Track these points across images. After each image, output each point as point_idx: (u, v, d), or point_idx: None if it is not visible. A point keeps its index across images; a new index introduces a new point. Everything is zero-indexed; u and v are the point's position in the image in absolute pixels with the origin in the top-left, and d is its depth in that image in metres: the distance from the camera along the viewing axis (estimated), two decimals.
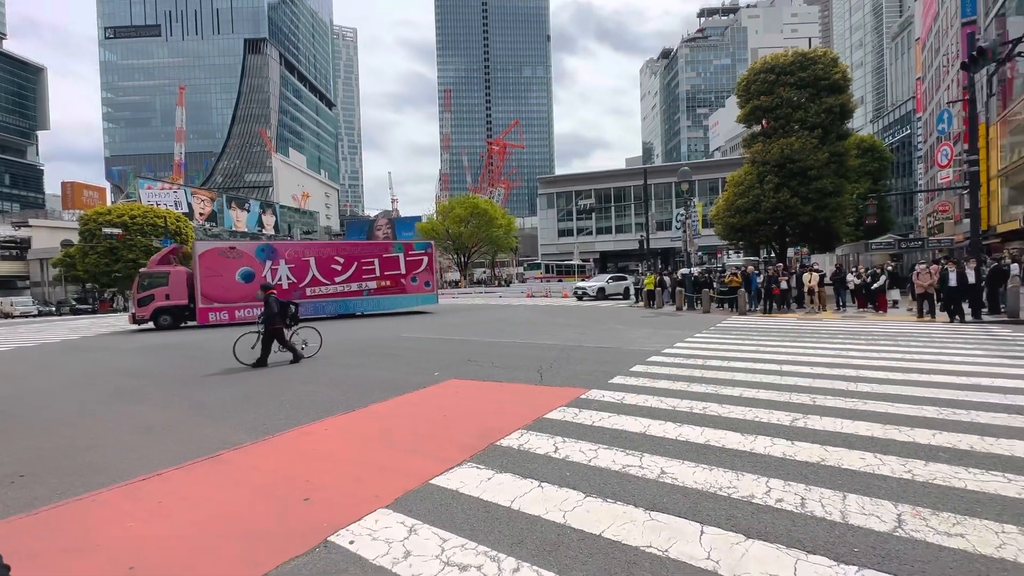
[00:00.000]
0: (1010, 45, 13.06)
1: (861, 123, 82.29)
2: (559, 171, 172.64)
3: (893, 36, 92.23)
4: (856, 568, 2.42)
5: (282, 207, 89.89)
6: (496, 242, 52.73)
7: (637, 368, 7.57)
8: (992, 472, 3.44)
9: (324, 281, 19.44)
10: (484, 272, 68.57)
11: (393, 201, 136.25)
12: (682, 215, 20.94)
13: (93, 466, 4.29)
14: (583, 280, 34.49)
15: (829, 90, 21.94)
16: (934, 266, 13.95)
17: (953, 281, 12.53)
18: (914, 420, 4.64)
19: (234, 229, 73.21)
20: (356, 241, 38.46)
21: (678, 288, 19.40)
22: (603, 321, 15.63)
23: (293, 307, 9.40)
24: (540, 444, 4.33)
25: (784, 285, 16.83)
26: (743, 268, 20.03)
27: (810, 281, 16.76)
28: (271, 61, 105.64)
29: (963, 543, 2.60)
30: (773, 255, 26.64)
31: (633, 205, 62.43)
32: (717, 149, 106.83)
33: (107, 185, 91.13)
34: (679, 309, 18.86)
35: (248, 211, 78.75)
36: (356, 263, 20.18)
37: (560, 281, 47.13)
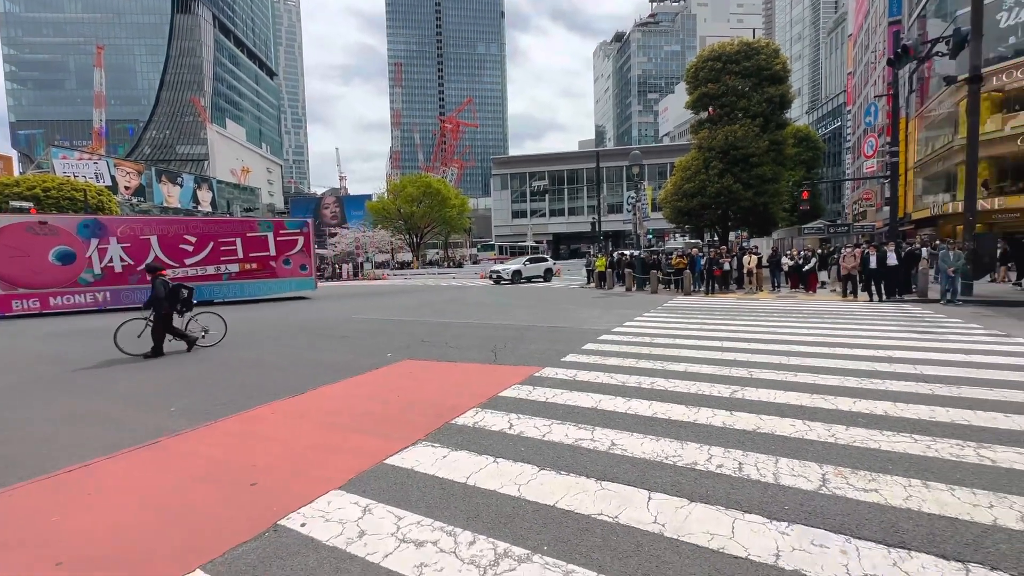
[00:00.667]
0: (928, 45, 14.13)
1: (798, 114, 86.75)
2: (513, 152, 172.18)
3: (829, 31, 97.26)
4: (787, 524, 2.64)
5: (220, 182, 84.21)
6: (449, 223, 51.96)
7: (589, 346, 7.77)
8: (902, 434, 3.82)
9: (171, 263, 16.86)
10: (437, 253, 67.78)
11: (341, 178, 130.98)
12: (632, 198, 21.45)
13: (8, 459, 3.94)
14: (497, 263, 32.90)
15: (770, 80, 22.92)
16: (857, 250, 15.08)
17: (873, 264, 13.63)
18: (837, 389, 5.05)
19: (166, 205, 68.06)
20: (213, 218, 34.64)
21: (626, 269, 19.98)
22: (556, 302, 15.89)
23: (185, 291, 8.37)
24: (495, 421, 4.38)
25: (726, 267, 17.71)
26: (687, 251, 20.86)
27: (749, 263, 17.73)
28: (203, 22, 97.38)
29: (877, 497, 2.88)
30: (716, 238, 27.91)
31: (586, 188, 63.30)
32: (666, 135, 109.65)
33: (13, 154, 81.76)
34: (629, 290, 19.46)
35: (181, 186, 73.25)
36: (213, 243, 17.93)
37: None
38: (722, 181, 22.29)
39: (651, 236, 43.26)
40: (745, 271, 17.85)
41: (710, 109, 24.07)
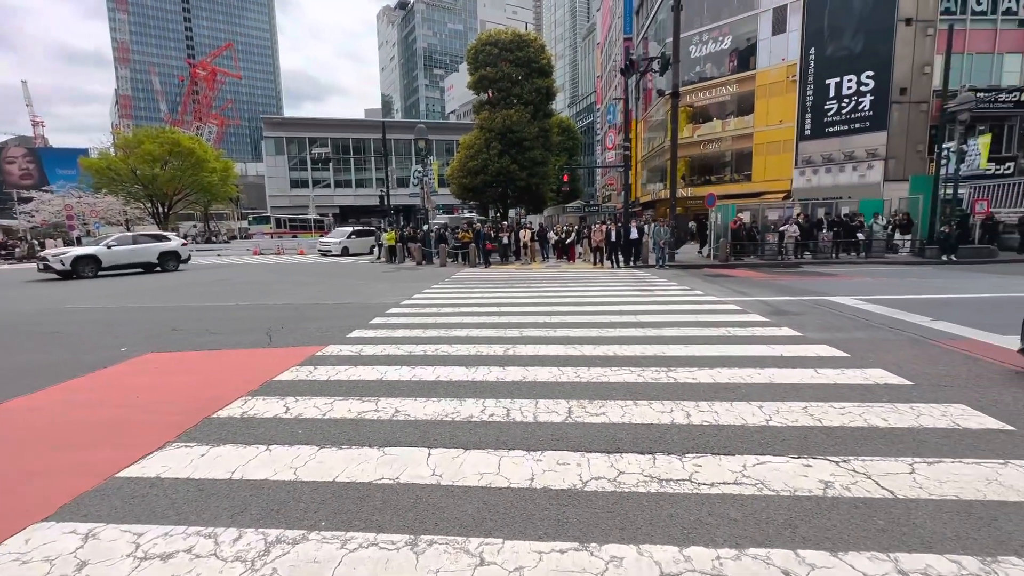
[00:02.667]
0: (646, 62, 17.79)
1: (562, 106, 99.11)
2: (289, 113, 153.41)
3: (583, 37, 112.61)
4: (540, 452, 3.16)
5: None
6: (209, 190, 43.35)
7: (376, 320, 7.68)
8: (624, 368, 4.91)
9: None
10: (195, 226, 56.42)
11: (36, 124, 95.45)
12: (419, 172, 21.57)
13: None
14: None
15: (539, 73, 25.58)
16: (603, 226, 18.34)
17: (614, 237, 16.80)
18: (584, 339, 6.16)
19: None
20: None
21: (410, 244, 20.24)
22: (342, 277, 15.10)
23: None
24: (268, 408, 4.01)
25: (506, 240, 19.45)
26: (472, 224, 22.16)
27: (524, 237, 19.84)
28: None
29: (604, 419, 3.67)
30: (499, 214, 30.31)
31: (374, 159, 60.82)
32: (452, 112, 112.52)
33: None
34: (419, 264, 19.73)
35: None
36: None
37: (295, 237, 42.81)
38: (501, 161, 24.18)
39: (440, 211, 44.41)
40: (522, 244, 19.92)
41: (489, 92, 25.65)
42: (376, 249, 23.57)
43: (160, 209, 41.95)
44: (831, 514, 2.43)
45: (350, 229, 28.17)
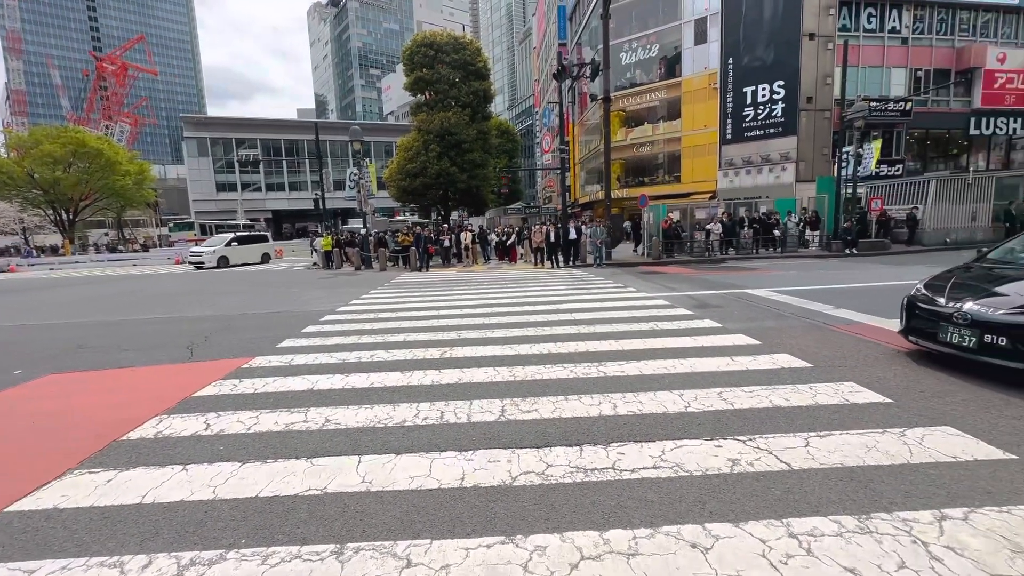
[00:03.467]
0: (578, 68, 18.35)
1: (501, 109, 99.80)
2: (213, 112, 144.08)
3: (520, 41, 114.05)
4: (472, 452, 3.20)
5: None
6: (122, 194, 39.71)
7: (310, 329, 7.42)
8: (559, 364, 5.05)
9: None
10: (106, 234, 51.55)
11: None
12: (355, 175, 20.99)
13: None
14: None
15: (476, 75, 25.66)
16: (543, 227, 18.69)
17: (553, 238, 17.16)
18: (521, 339, 6.27)
19: None
20: None
21: (348, 248, 19.70)
22: (275, 285, 14.42)
23: None
24: (186, 426, 3.79)
25: (447, 243, 19.34)
26: (412, 227, 21.87)
27: (466, 239, 19.81)
28: None
29: (536, 415, 3.77)
30: (440, 216, 30.07)
31: (308, 161, 58.42)
32: (391, 113, 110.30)
33: None
34: (358, 269, 19.19)
35: None
36: None
37: None
38: (440, 163, 24.02)
39: (379, 215, 43.40)
40: (463, 246, 19.88)
41: (427, 93, 25.42)
42: (312, 254, 22.67)
43: (64, 216, 38.05)
44: (736, 488, 2.65)
45: (230, 235, 24.74)
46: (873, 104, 23.06)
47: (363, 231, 20.55)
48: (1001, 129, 28.02)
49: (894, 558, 2.07)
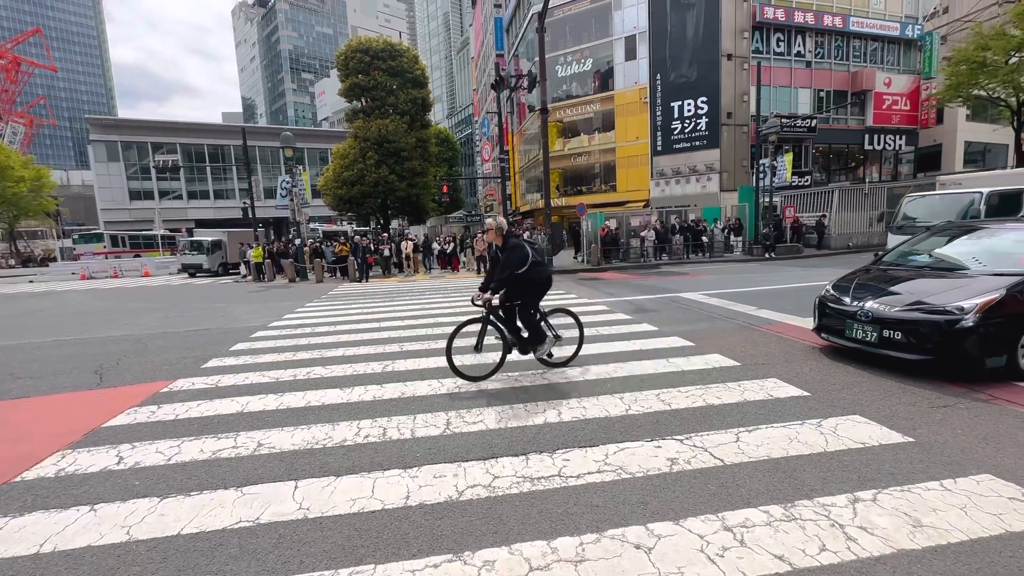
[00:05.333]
0: (515, 79, 18.67)
1: (440, 117, 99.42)
2: (125, 114, 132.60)
3: (458, 51, 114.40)
4: (416, 468, 3.12)
5: None
6: (16, 203, 35.51)
7: (239, 347, 6.96)
8: (504, 374, 5.05)
9: None
10: None
11: None
12: (287, 183, 20.06)
13: None
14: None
15: (414, 83, 25.40)
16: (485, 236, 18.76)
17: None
18: (465, 349, 6.20)
19: None
20: None
21: (281, 259, 18.78)
22: (200, 300, 13.43)
23: None
24: (95, 460, 3.42)
25: (387, 252, 18.89)
26: (351, 237, 21.18)
27: (406, 249, 19.45)
28: None
29: (482, 426, 3.74)
30: (379, 225, 29.35)
31: (235, 168, 55.08)
32: (325, 119, 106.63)
33: None
34: (292, 281, 18.29)
35: None
36: None
37: (138, 256, 37.01)
38: (379, 171, 23.49)
39: (316, 224, 41.68)
40: (404, 256, 19.51)
41: (363, 100, 24.82)
42: (243, 267, 21.33)
43: None
44: (675, 487, 2.76)
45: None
46: (784, 120, 25.19)
47: (297, 241, 19.64)
48: (890, 145, 31.56)
49: (816, 542, 2.24)
